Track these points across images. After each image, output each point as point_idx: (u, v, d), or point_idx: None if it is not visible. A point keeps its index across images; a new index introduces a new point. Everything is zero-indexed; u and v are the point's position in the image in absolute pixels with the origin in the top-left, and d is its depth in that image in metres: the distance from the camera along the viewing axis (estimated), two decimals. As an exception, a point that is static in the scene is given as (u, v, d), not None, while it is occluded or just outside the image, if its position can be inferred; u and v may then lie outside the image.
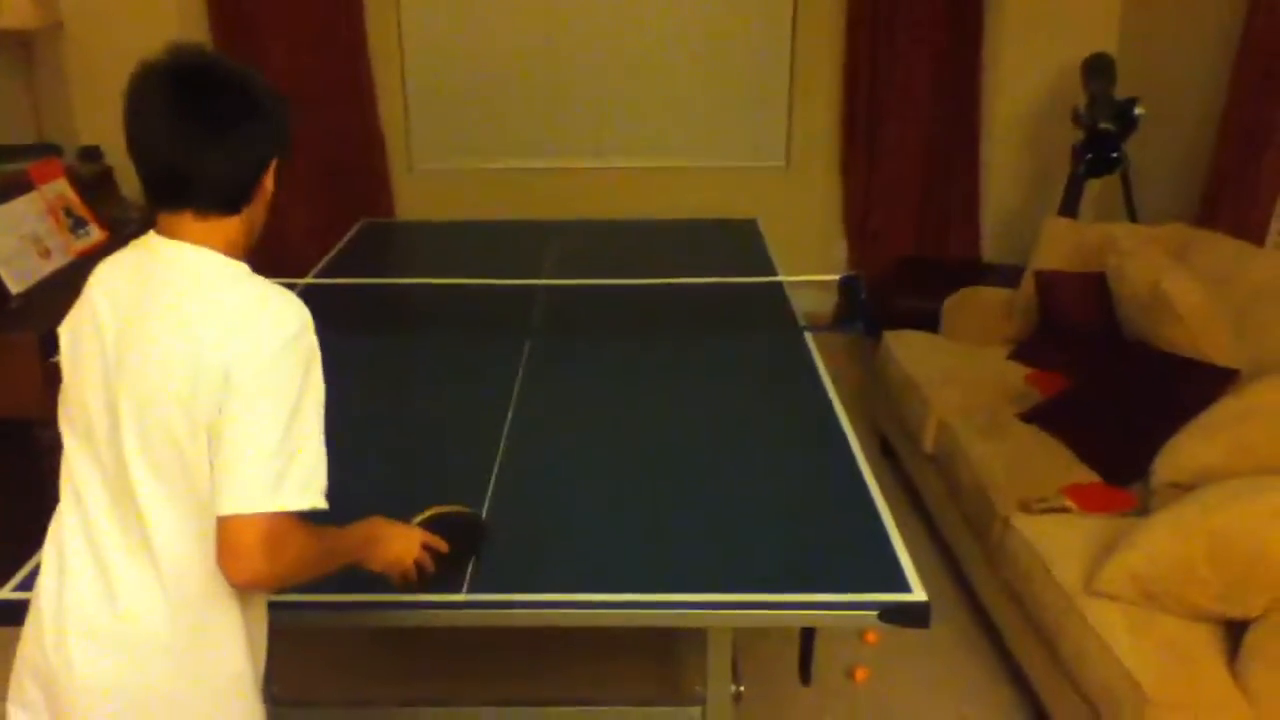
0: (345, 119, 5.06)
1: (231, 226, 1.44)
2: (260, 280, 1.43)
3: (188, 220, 1.41)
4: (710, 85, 5.18)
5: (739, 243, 3.96)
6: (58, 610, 1.43)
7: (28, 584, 1.76)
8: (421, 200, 5.25)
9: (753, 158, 5.28)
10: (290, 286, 1.45)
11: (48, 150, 4.32)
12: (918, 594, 1.79)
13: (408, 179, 5.25)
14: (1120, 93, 4.28)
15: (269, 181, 1.48)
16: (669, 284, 3.29)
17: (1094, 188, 4.67)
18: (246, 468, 1.33)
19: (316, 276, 3.49)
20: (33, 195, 3.56)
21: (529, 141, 5.24)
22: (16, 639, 1.49)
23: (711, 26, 5.08)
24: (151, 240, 1.44)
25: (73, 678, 1.41)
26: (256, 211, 1.49)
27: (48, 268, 3.43)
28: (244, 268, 1.44)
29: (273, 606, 1.54)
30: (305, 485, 1.36)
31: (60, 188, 3.72)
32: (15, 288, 3.23)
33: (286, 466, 1.34)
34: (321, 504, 1.39)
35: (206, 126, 1.38)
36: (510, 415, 2.47)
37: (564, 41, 5.09)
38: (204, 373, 1.33)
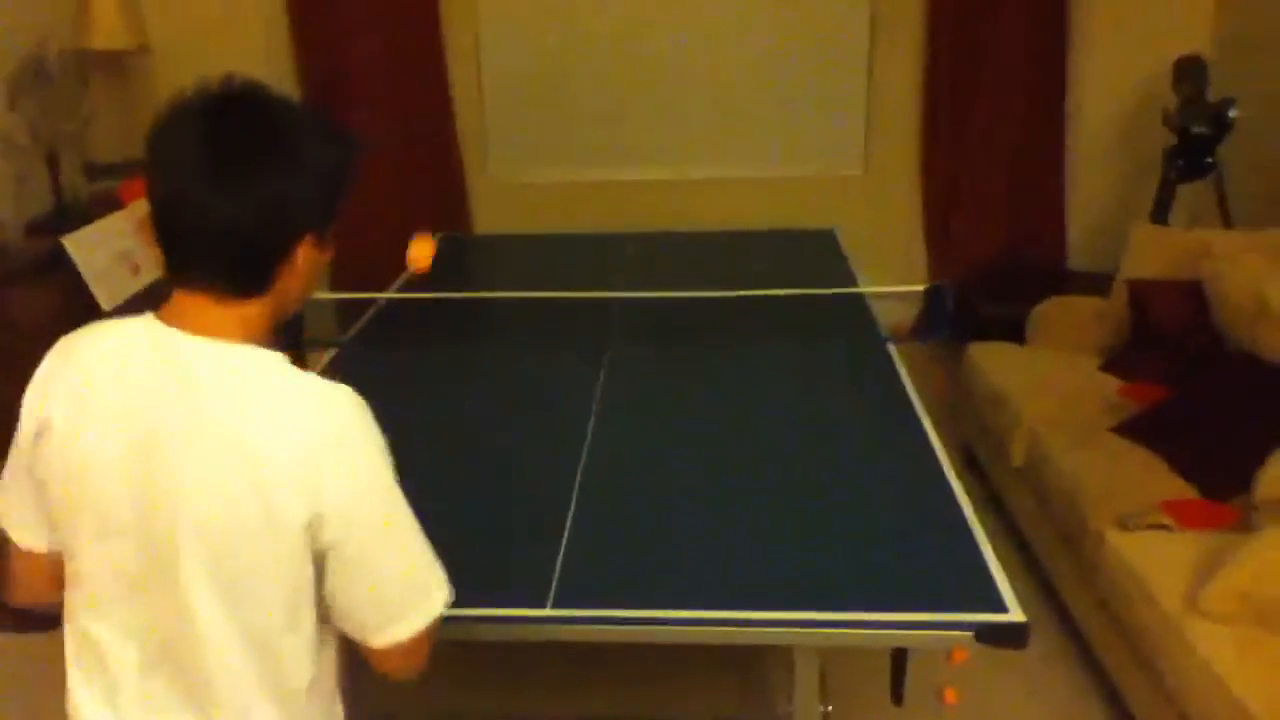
0: (423, 136, 5.10)
1: (253, 311, 1.25)
2: (309, 378, 1.25)
3: (203, 304, 1.22)
4: (787, 93, 5.11)
5: (818, 253, 3.91)
6: None
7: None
8: (498, 214, 5.28)
9: (831, 165, 5.21)
10: (370, 303, 1.43)
11: (137, 167, 4.42)
12: (1015, 614, 1.72)
13: (485, 193, 5.28)
14: (1214, 95, 4.15)
15: (301, 258, 1.26)
16: (748, 295, 3.25)
17: (1185, 193, 4.52)
18: (400, 589, 1.31)
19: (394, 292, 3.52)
20: (123, 212, 3.65)
21: (604, 154, 5.22)
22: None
23: (787, 33, 5.02)
24: (162, 333, 1.22)
25: None
26: (287, 291, 1.28)
27: (138, 284, 3.51)
28: (281, 360, 1.24)
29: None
30: (441, 573, 1.35)
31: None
32: (106, 304, 3.31)
33: (428, 567, 1.34)
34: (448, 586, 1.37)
35: (232, 175, 1.18)
36: (591, 429, 2.46)
37: (638, 53, 5.08)
38: (300, 511, 1.19)
